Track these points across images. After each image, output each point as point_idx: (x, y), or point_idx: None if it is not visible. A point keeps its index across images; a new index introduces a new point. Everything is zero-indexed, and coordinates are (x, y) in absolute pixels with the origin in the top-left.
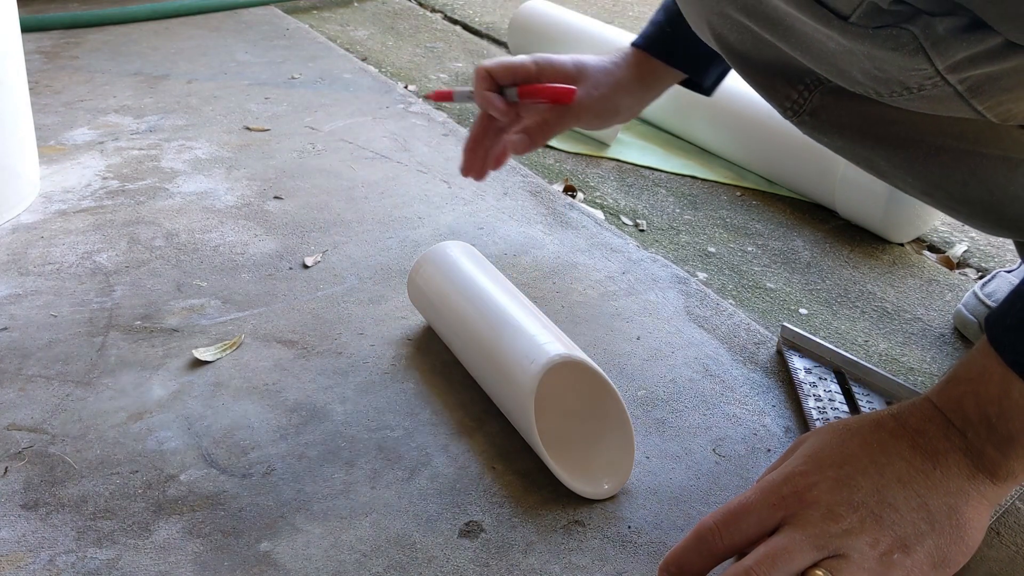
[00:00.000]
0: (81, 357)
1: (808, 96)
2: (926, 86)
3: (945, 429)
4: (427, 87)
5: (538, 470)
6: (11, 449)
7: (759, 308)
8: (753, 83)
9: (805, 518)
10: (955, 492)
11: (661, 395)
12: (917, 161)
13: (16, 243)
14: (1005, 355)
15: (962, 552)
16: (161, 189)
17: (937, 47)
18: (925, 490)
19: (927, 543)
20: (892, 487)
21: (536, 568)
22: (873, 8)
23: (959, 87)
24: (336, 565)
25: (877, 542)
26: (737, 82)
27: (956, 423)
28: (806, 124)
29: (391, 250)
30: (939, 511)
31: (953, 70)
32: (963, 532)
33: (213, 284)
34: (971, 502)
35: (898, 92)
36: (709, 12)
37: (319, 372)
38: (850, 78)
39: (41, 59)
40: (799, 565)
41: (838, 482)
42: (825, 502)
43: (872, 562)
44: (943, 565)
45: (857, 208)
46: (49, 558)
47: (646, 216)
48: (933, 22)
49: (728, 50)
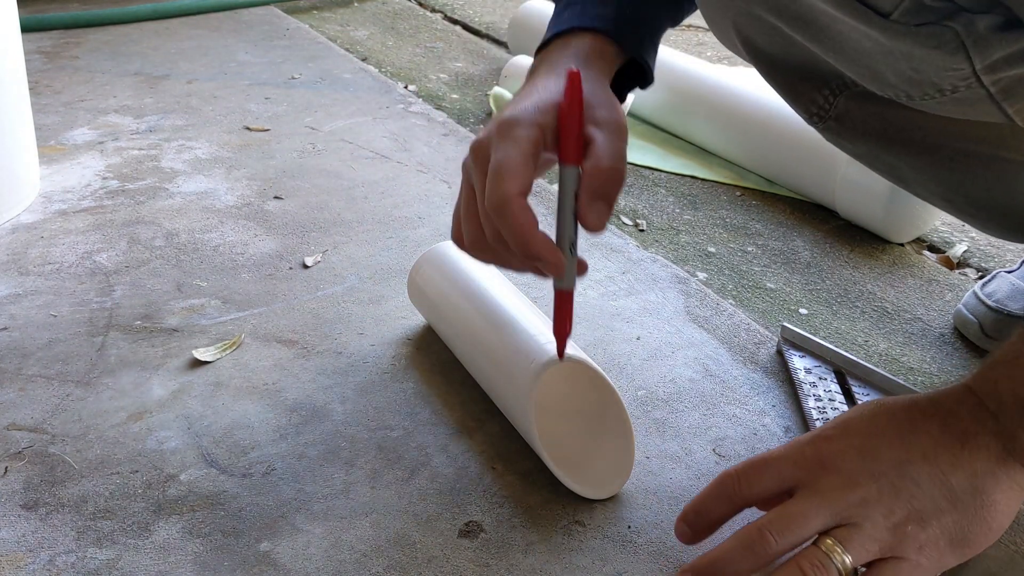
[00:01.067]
0: (81, 357)
1: (833, 101)
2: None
3: (977, 411)
4: (427, 87)
5: (538, 470)
6: (11, 449)
7: (759, 308)
8: (778, 87)
9: (824, 483)
10: (982, 473)
11: (661, 395)
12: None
13: (16, 243)
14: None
15: (984, 534)
16: (161, 189)
17: (978, 45)
18: (950, 468)
19: (945, 519)
20: (915, 462)
21: (536, 568)
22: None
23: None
24: (336, 565)
25: (891, 512)
26: (737, 82)
27: (990, 406)
28: (831, 130)
29: (391, 250)
30: (963, 490)
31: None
32: (986, 514)
33: (213, 284)
34: (1000, 486)
35: (930, 95)
36: (736, 13)
37: (319, 372)
38: (882, 80)
39: (41, 59)
40: (812, 529)
41: (861, 451)
42: (846, 469)
43: (884, 532)
44: (962, 544)
45: (857, 208)
46: (49, 558)
47: (646, 216)
48: (974, 19)
49: (754, 53)
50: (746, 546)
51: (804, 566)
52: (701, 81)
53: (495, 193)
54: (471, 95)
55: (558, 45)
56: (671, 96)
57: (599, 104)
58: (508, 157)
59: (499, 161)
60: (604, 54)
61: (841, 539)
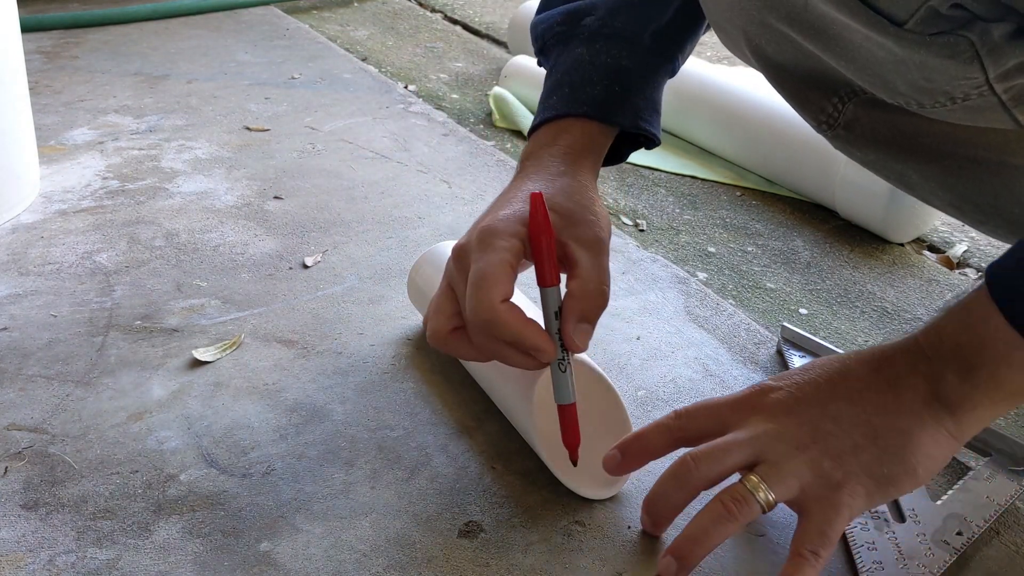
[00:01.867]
0: (81, 357)
1: (842, 108)
2: (971, 95)
3: (914, 356)
4: (427, 87)
5: (538, 470)
6: (11, 449)
7: (759, 308)
8: (787, 95)
9: (750, 421)
10: (907, 414)
11: (661, 395)
12: (949, 174)
13: (16, 243)
14: (993, 289)
15: (907, 474)
16: (161, 189)
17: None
18: (874, 409)
19: (863, 456)
20: (838, 402)
21: (536, 568)
22: (931, 13)
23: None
24: (336, 565)
25: (806, 448)
26: (737, 82)
27: (928, 351)
28: (840, 138)
29: (391, 250)
30: (884, 429)
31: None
32: (908, 454)
33: (213, 284)
34: (926, 428)
35: (940, 103)
36: (747, 22)
37: (319, 372)
38: (892, 88)
39: (41, 59)
40: (732, 460)
41: (789, 394)
42: (770, 409)
43: (802, 468)
44: (884, 482)
45: (857, 208)
46: (49, 558)
47: (646, 216)
48: (989, 28)
49: (764, 61)
50: (673, 475)
51: (726, 500)
52: (701, 81)
53: (481, 303)
54: (471, 95)
55: (548, 135)
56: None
57: (580, 221)
58: (489, 266)
59: (481, 270)
60: (595, 141)
61: (763, 475)
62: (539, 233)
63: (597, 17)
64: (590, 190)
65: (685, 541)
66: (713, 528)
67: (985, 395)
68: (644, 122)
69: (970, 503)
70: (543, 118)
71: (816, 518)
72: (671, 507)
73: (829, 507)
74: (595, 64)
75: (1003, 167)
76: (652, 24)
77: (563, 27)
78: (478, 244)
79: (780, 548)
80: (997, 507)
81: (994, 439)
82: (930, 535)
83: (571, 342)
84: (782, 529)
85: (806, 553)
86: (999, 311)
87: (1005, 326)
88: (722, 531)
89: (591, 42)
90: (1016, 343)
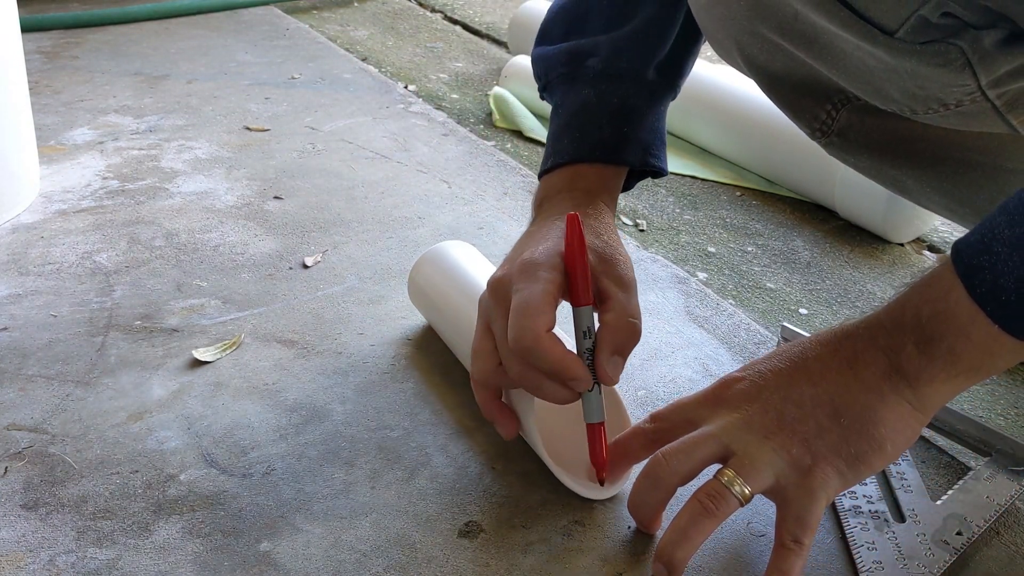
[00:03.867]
0: (81, 357)
1: (836, 115)
2: (964, 102)
3: (874, 331)
4: (427, 87)
5: (538, 470)
6: (11, 449)
7: (759, 308)
8: (780, 103)
9: (717, 413)
10: (867, 390)
11: (661, 395)
12: (944, 179)
13: (16, 243)
14: (957, 263)
15: (875, 451)
16: (161, 189)
17: (984, 62)
18: (835, 388)
19: (829, 437)
20: (799, 385)
21: (536, 568)
22: (921, 22)
23: (997, 102)
24: (336, 565)
25: (773, 435)
26: (737, 82)
27: (887, 325)
28: (834, 145)
29: (391, 250)
30: (846, 407)
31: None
32: (874, 431)
33: (213, 284)
34: (887, 401)
35: (934, 109)
36: (739, 31)
37: (319, 372)
38: (885, 96)
39: (41, 59)
40: (701, 454)
41: (752, 383)
42: (736, 399)
43: (772, 456)
44: (855, 462)
45: (857, 208)
46: (49, 558)
47: (646, 216)
48: (980, 36)
49: (756, 70)
50: (646, 475)
51: (701, 497)
52: (701, 81)
53: (525, 331)
54: (471, 95)
55: (562, 180)
56: None
57: (610, 259)
58: (533, 295)
59: (525, 299)
60: (609, 183)
61: (737, 468)
62: (575, 253)
63: (601, 58)
64: (614, 231)
65: (667, 545)
66: (692, 527)
67: (942, 369)
68: (652, 157)
69: (970, 503)
70: (556, 162)
71: (793, 506)
72: (651, 507)
73: (804, 493)
74: (602, 105)
75: (998, 171)
76: (655, 59)
77: (567, 68)
78: (520, 275)
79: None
80: (997, 507)
81: (994, 439)
82: (930, 535)
83: (604, 375)
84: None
85: (788, 543)
86: (962, 285)
87: (966, 299)
88: (702, 529)
89: (596, 83)
90: (976, 318)
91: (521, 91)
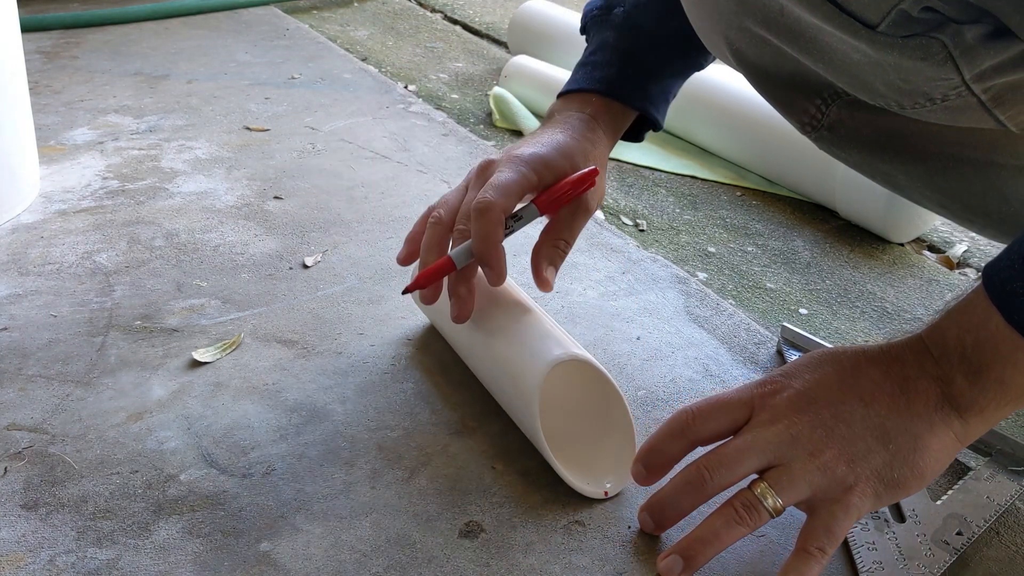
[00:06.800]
0: (81, 357)
1: (825, 110)
2: (950, 96)
3: (921, 357)
4: (427, 87)
5: (538, 470)
6: (11, 449)
7: (759, 308)
8: (770, 98)
9: (760, 421)
10: (918, 418)
11: (661, 395)
12: (936, 174)
13: (16, 243)
14: (991, 290)
15: (915, 478)
16: (161, 189)
17: (966, 56)
18: (887, 411)
19: (875, 460)
20: (851, 403)
21: (536, 568)
22: (902, 16)
23: (982, 96)
24: (336, 565)
25: (820, 452)
26: (736, 82)
27: (934, 352)
28: (824, 140)
29: (391, 250)
30: (896, 433)
31: (979, 79)
32: (918, 458)
33: (213, 284)
34: (935, 431)
35: (920, 103)
36: (727, 27)
37: (319, 372)
38: (872, 90)
39: (41, 59)
40: (745, 467)
41: (801, 392)
42: (782, 408)
43: (813, 472)
44: (893, 486)
45: (857, 208)
46: (49, 558)
47: (646, 216)
48: (962, 30)
49: (745, 65)
50: (686, 481)
51: (736, 506)
52: (701, 81)
53: (484, 198)
54: (471, 95)
55: (575, 101)
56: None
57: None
58: (507, 179)
59: (498, 179)
60: (611, 110)
61: (772, 481)
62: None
63: (625, 10)
64: (602, 159)
65: (695, 542)
66: (725, 531)
67: (993, 398)
68: (651, 105)
69: (970, 503)
70: (569, 87)
71: (825, 517)
72: (680, 512)
73: (839, 508)
74: (617, 49)
75: (989, 166)
76: (672, 22)
77: (600, 12)
78: (506, 162)
79: (781, 549)
80: (997, 507)
81: (994, 439)
82: (930, 535)
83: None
84: (783, 529)
85: (813, 550)
86: (999, 313)
87: (1006, 327)
88: (732, 534)
89: (617, 29)
90: (1018, 343)
91: (521, 91)
